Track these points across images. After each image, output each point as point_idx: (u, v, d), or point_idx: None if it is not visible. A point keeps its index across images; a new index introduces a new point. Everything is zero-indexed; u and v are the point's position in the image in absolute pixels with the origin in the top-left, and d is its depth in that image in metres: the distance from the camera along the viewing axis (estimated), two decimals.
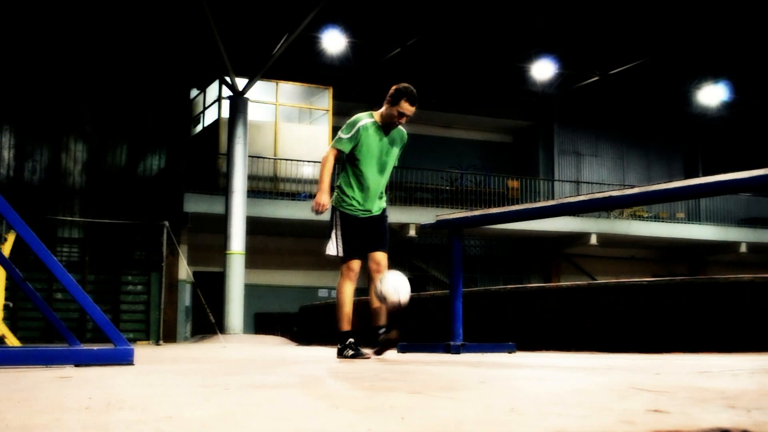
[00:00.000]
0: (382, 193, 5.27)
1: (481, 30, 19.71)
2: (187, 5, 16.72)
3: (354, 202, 5.13)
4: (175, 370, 3.79)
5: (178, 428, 1.56)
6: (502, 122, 24.71)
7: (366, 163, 5.10)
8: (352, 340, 5.04)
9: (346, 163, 5.16)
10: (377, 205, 5.22)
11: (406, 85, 5.11)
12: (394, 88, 5.11)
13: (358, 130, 5.07)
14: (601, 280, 13.39)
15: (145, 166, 18.60)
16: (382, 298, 4.92)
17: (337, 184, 5.24)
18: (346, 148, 5.08)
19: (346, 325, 5.10)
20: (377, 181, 5.16)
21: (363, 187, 5.13)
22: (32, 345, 8.64)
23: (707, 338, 5.62)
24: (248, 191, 17.12)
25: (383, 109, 5.13)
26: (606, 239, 22.09)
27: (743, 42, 20.26)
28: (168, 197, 18.03)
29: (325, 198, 5.00)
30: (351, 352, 5.00)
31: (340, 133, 5.13)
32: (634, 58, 20.90)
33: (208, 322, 13.92)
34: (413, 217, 19.33)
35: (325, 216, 5.29)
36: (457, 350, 5.67)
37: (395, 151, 5.25)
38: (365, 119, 5.12)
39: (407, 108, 5.04)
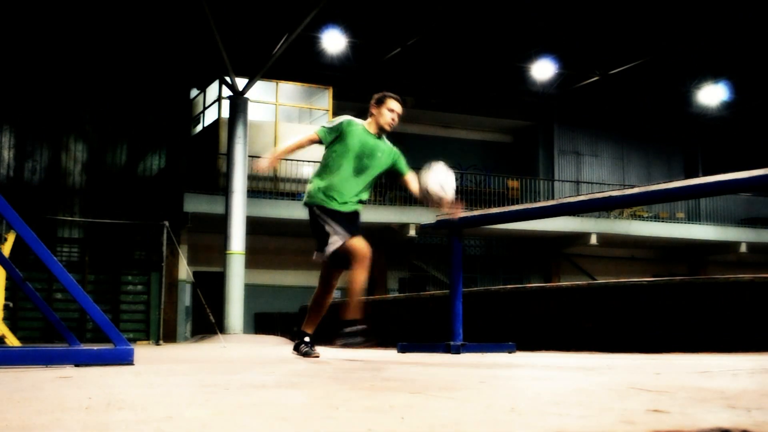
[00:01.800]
0: (358, 198, 5.04)
1: (481, 30, 19.70)
2: (187, 5, 16.72)
3: (326, 197, 4.93)
4: (175, 370, 3.79)
5: (178, 428, 1.56)
6: (502, 122, 24.71)
7: (344, 157, 4.98)
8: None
9: (324, 159, 5.08)
10: (351, 207, 5.00)
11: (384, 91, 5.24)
12: (375, 95, 5.21)
13: (341, 123, 5.08)
14: (601, 280, 13.38)
15: (145, 166, 18.60)
16: (426, 194, 4.90)
17: (311, 181, 5.11)
18: (326, 137, 5.03)
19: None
20: (352, 181, 4.98)
21: (335, 183, 4.94)
22: (32, 345, 8.64)
23: (707, 338, 5.61)
24: (248, 191, 17.12)
25: (370, 116, 5.15)
26: (606, 239, 22.09)
27: (743, 42, 20.25)
28: (168, 197, 18.03)
29: (267, 162, 5.02)
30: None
31: (323, 124, 5.16)
32: (634, 58, 20.90)
33: (208, 322, 13.92)
34: (413, 217, 19.32)
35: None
36: (457, 350, 5.67)
37: (380, 161, 5.09)
38: (352, 118, 5.14)
39: (395, 105, 5.10)
